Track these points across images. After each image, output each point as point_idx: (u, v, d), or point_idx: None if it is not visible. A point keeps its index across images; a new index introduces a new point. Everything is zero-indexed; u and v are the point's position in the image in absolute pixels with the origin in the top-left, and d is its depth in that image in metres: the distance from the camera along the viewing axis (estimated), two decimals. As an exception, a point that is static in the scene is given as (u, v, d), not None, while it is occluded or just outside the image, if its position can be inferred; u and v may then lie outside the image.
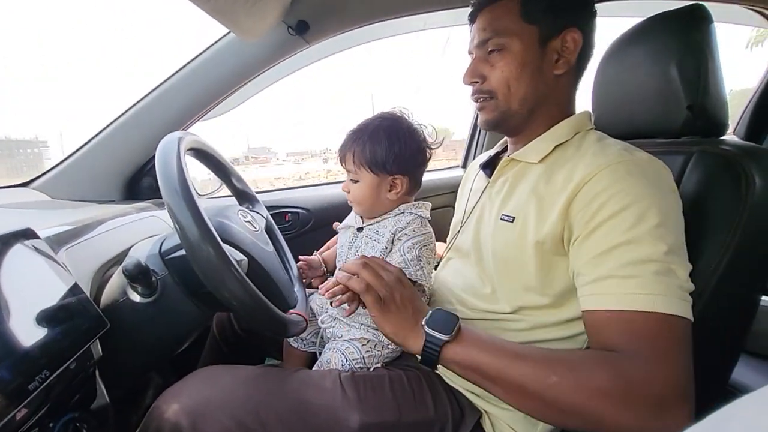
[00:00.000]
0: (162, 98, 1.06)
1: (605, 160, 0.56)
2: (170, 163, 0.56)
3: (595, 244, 0.53)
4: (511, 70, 0.64)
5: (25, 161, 6.02)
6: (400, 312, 0.55)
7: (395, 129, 0.70)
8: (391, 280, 0.56)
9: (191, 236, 0.51)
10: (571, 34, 0.63)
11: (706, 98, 0.68)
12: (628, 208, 0.52)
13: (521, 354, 0.50)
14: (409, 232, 0.69)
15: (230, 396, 0.57)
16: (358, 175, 0.71)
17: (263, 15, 0.82)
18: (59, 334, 0.46)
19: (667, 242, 0.50)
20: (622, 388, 0.45)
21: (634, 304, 0.48)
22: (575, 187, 0.56)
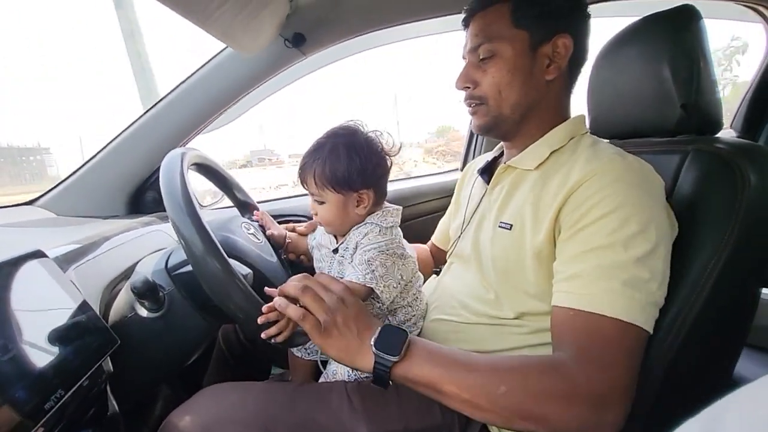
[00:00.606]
0: (163, 114, 1.07)
1: (596, 166, 0.57)
2: (174, 180, 0.57)
3: (576, 245, 0.55)
4: (502, 75, 0.65)
5: (28, 169, 6.04)
6: (343, 335, 0.53)
7: (353, 143, 0.66)
8: (332, 301, 0.53)
9: (196, 251, 0.52)
10: (562, 40, 0.64)
11: (700, 97, 0.69)
12: (612, 213, 0.53)
13: (471, 366, 0.52)
14: (365, 241, 0.67)
15: (240, 413, 0.58)
16: (322, 196, 0.67)
17: (261, 30, 0.84)
18: (72, 353, 0.47)
19: (644, 250, 0.52)
20: (566, 392, 0.48)
21: (596, 307, 0.51)
22: (567, 192, 0.57)
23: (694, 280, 0.58)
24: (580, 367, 0.50)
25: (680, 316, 0.57)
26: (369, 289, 0.63)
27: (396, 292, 0.66)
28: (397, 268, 0.67)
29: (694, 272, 0.58)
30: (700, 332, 0.57)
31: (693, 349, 0.58)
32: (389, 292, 0.64)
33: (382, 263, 0.64)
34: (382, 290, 0.63)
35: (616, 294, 0.51)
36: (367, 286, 0.62)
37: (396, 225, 0.72)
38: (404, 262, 0.69)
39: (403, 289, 0.69)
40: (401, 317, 0.71)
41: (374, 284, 0.62)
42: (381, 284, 0.63)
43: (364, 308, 0.57)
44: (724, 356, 0.65)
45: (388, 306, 0.69)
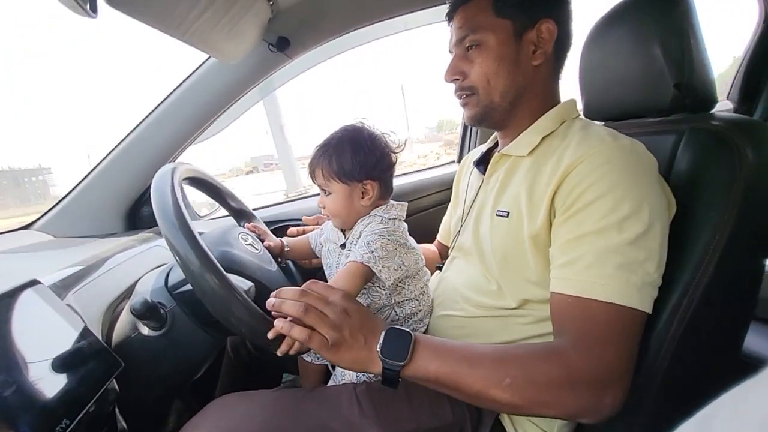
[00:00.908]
0: (153, 127, 1.07)
1: (587, 149, 0.57)
2: (165, 197, 0.57)
3: (569, 230, 0.55)
4: (489, 64, 0.65)
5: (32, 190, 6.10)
6: (352, 347, 0.53)
7: (357, 138, 0.71)
8: (336, 315, 0.53)
9: (193, 269, 0.52)
10: (545, 25, 0.64)
11: (692, 75, 0.68)
12: (603, 197, 0.53)
13: (476, 360, 0.53)
14: (367, 229, 0.71)
15: (249, 424, 0.58)
16: (329, 187, 0.72)
17: (243, 37, 0.82)
18: (75, 381, 0.47)
19: (637, 232, 0.52)
20: (566, 377, 0.50)
21: (591, 292, 0.52)
22: (560, 177, 0.57)
23: (697, 260, 0.57)
24: (578, 352, 0.51)
25: (686, 296, 0.57)
26: (367, 269, 0.63)
27: (396, 275, 0.66)
28: (398, 255, 0.68)
29: (697, 251, 0.58)
30: (707, 310, 0.57)
31: (701, 327, 0.58)
32: (389, 273, 0.65)
33: (383, 246, 0.66)
34: (380, 270, 0.64)
35: (610, 278, 0.51)
36: (365, 264, 0.63)
37: (400, 218, 0.74)
38: (407, 252, 0.71)
39: (405, 276, 0.70)
40: (408, 310, 0.71)
41: (372, 263, 0.63)
42: (380, 264, 0.64)
43: (366, 311, 0.57)
44: (733, 332, 0.65)
45: (392, 293, 0.70)
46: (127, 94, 29.96)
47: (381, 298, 0.70)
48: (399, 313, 0.71)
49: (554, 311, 0.57)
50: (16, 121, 50.31)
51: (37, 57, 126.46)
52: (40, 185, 6.30)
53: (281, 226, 1.30)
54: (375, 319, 0.57)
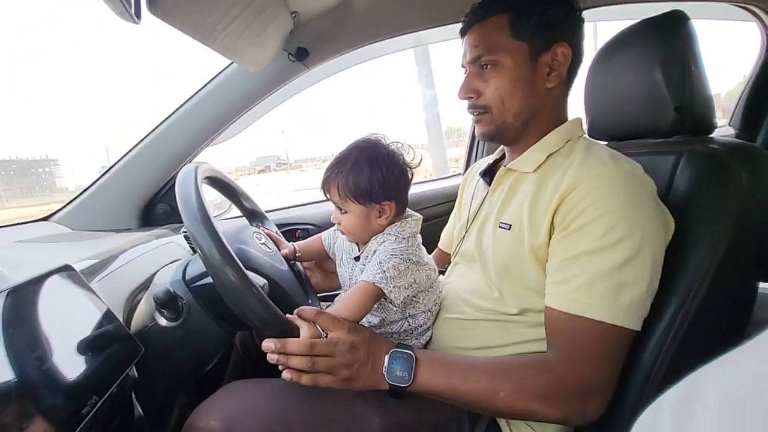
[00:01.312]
0: (171, 129, 1.11)
1: (587, 171, 0.59)
2: (190, 194, 0.60)
3: (565, 248, 0.59)
4: (504, 85, 0.67)
5: (37, 181, 6.14)
6: (361, 377, 0.59)
7: (375, 157, 0.69)
8: (344, 356, 0.57)
9: (215, 262, 0.55)
10: (560, 49, 0.66)
11: (692, 99, 0.70)
12: (599, 219, 0.56)
13: (473, 377, 0.59)
14: (382, 248, 0.70)
15: (259, 407, 0.61)
16: (345, 206, 0.70)
17: (265, 46, 0.87)
18: (101, 362, 0.50)
19: (629, 255, 0.55)
20: (555, 390, 0.56)
21: (582, 311, 0.56)
22: (561, 196, 0.59)
23: (691, 279, 0.59)
24: (566, 366, 0.56)
25: (679, 314, 0.59)
26: (379, 289, 0.65)
27: (406, 293, 0.68)
28: (410, 273, 0.69)
29: (691, 270, 0.60)
30: (699, 329, 0.59)
31: (692, 345, 0.60)
32: (398, 293, 0.66)
33: (395, 266, 0.66)
34: (390, 290, 0.65)
35: (600, 299, 0.55)
36: (377, 285, 0.65)
37: (414, 235, 0.74)
38: (419, 269, 0.71)
39: (417, 292, 0.71)
40: (421, 321, 0.73)
41: (383, 284, 0.65)
42: (390, 285, 0.65)
43: (371, 337, 0.61)
44: (724, 351, 0.66)
45: (405, 307, 0.71)
46: (133, 92, 30.17)
47: (395, 312, 0.72)
48: (412, 324, 0.73)
49: (548, 324, 0.61)
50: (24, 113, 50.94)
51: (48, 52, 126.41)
52: (46, 176, 6.42)
53: (290, 229, 1.33)
54: (379, 342, 0.62)
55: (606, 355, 0.56)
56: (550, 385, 0.56)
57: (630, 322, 0.56)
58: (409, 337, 0.74)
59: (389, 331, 0.73)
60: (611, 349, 0.56)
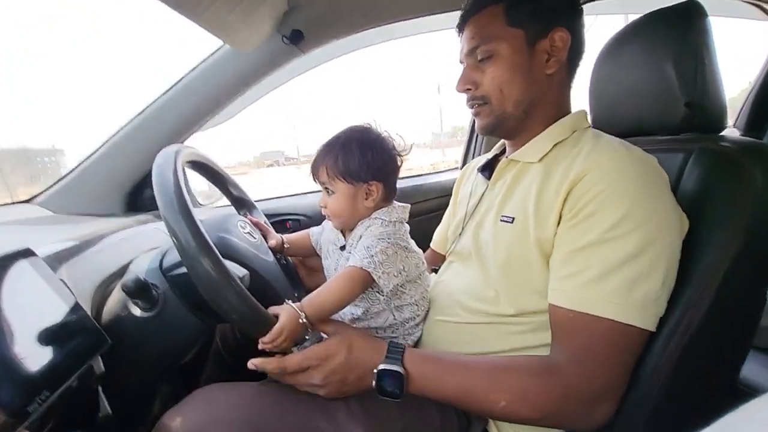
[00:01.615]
0: (160, 111, 1.07)
1: (598, 157, 0.56)
2: (167, 177, 0.56)
3: (573, 239, 0.55)
4: (502, 74, 0.65)
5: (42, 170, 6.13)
6: (348, 382, 0.59)
7: (365, 138, 0.70)
8: (318, 380, 0.58)
9: (189, 251, 0.51)
10: (558, 34, 0.64)
11: (704, 95, 0.68)
12: (611, 207, 0.53)
13: (470, 387, 0.56)
14: (368, 233, 0.69)
15: (232, 415, 0.57)
16: (333, 186, 0.70)
17: (258, 26, 0.83)
18: (59, 354, 0.46)
19: (642, 247, 0.51)
20: (562, 394, 0.52)
21: (592, 308, 0.52)
22: (569, 185, 0.56)
23: (700, 280, 0.56)
24: (575, 368, 0.53)
25: (686, 316, 0.56)
26: (367, 274, 0.62)
27: (396, 281, 0.65)
28: (399, 259, 0.67)
29: (701, 272, 0.57)
30: (707, 332, 0.56)
31: (699, 349, 0.57)
32: (388, 279, 0.64)
33: (383, 251, 0.65)
34: (380, 276, 0.63)
35: (612, 294, 0.51)
36: (365, 269, 0.62)
37: (402, 221, 0.73)
38: (407, 255, 0.69)
39: (405, 281, 0.69)
40: (407, 314, 0.70)
41: (372, 269, 0.62)
42: (380, 270, 0.63)
43: (346, 363, 0.58)
44: (731, 357, 0.64)
45: (391, 298, 0.68)
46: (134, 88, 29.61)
47: (379, 302, 0.69)
48: (397, 318, 0.70)
49: (554, 324, 0.57)
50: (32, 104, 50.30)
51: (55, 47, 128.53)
52: (51, 166, 6.41)
53: (280, 219, 1.30)
54: (360, 366, 0.59)
55: (619, 356, 0.52)
56: (556, 391, 0.52)
57: (644, 321, 0.52)
58: (396, 335, 0.70)
59: (373, 325, 0.70)
60: (624, 350, 0.53)
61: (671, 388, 0.57)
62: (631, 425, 0.57)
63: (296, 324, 0.56)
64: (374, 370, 0.57)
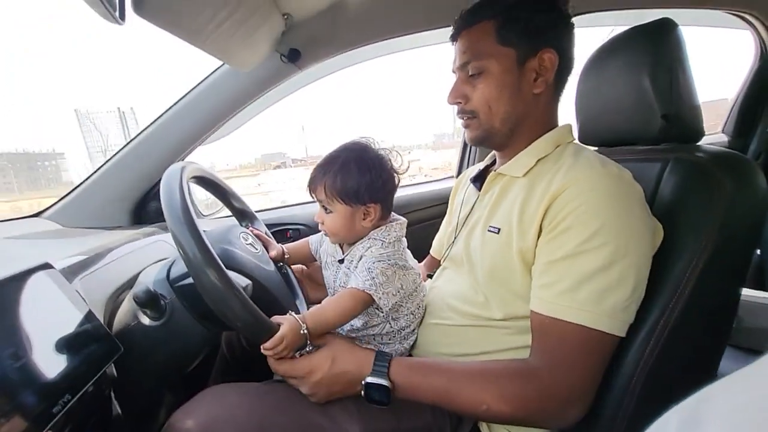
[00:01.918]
0: (163, 128, 1.11)
1: (575, 175, 0.59)
2: (174, 194, 0.60)
3: (550, 251, 0.59)
4: (491, 91, 0.67)
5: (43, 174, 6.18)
6: (334, 391, 0.63)
7: (364, 159, 0.70)
8: (307, 388, 0.63)
9: (196, 263, 0.55)
10: (547, 54, 0.66)
11: (680, 107, 0.71)
12: (584, 223, 0.56)
13: (456, 391, 0.59)
14: (368, 254, 0.71)
15: (237, 412, 0.61)
16: (331, 206, 0.71)
17: (257, 47, 0.87)
18: (78, 360, 0.50)
19: (612, 260, 0.55)
20: (537, 395, 0.57)
21: (565, 315, 0.56)
22: (549, 199, 0.60)
23: (674, 285, 0.60)
24: (549, 370, 0.57)
25: (662, 319, 0.59)
26: (368, 296, 0.66)
27: (395, 300, 0.68)
28: (397, 278, 0.69)
29: (674, 277, 0.60)
30: (682, 335, 0.60)
31: (675, 351, 0.60)
32: (388, 299, 0.67)
33: (383, 272, 0.67)
34: (380, 297, 0.66)
35: (583, 303, 0.55)
36: (367, 292, 0.65)
37: (399, 239, 0.75)
38: (405, 273, 0.71)
39: (403, 297, 0.71)
40: (403, 323, 0.73)
41: (373, 291, 0.65)
42: (380, 291, 0.66)
43: (333, 376, 0.63)
44: (707, 357, 0.67)
45: (389, 313, 0.71)
46: (136, 91, 30.26)
47: (378, 317, 0.72)
48: (394, 326, 0.73)
49: (533, 328, 0.61)
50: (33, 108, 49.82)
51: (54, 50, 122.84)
52: (53, 170, 6.46)
53: (281, 229, 1.33)
54: (345, 377, 0.63)
55: (589, 360, 0.57)
56: (533, 393, 0.57)
57: (613, 327, 0.56)
58: (392, 341, 0.73)
59: (371, 333, 0.73)
60: (594, 354, 0.57)
61: (651, 388, 0.60)
62: (613, 423, 0.60)
63: (297, 334, 0.60)
64: (362, 382, 0.61)
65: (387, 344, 0.73)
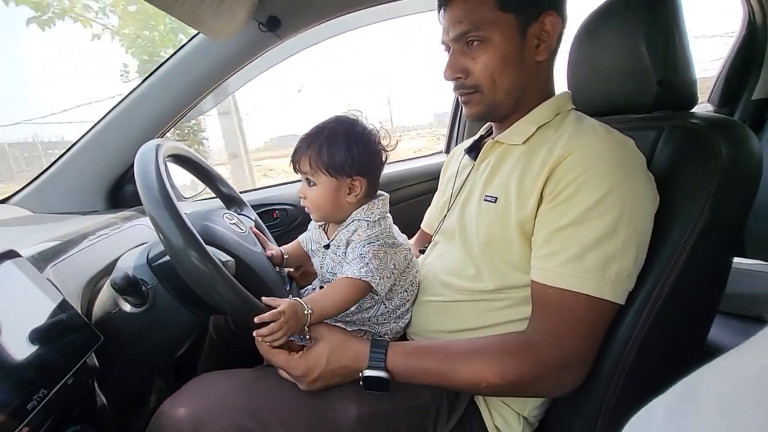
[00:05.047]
0: (138, 104, 1.04)
1: (579, 141, 0.58)
2: (149, 172, 0.56)
3: (553, 219, 0.57)
4: (495, 63, 0.63)
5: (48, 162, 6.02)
6: (332, 383, 0.62)
7: (352, 132, 0.68)
8: (308, 380, 0.61)
9: (176, 245, 0.52)
10: (549, 18, 0.63)
11: (675, 73, 0.69)
12: (589, 189, 0.55)
13: (454, 374, 0.59)
14: (356, 237, 0.69)
15: (230, 400, 0.59)
16: (315, 178, 0.68)
17: (232, 14, 0.81)
18: (53, 352, 0.46)
19: (617, 228, 0.54)
20: (537, 366, 0.56)
21: (569, 284, 0.55)
22: (551, 167, 0.58)
23: (669, 253, 0.59)
24: (548, 339, 0.57)
25: (656, 287, 0.59)
26: (366, 284, 0.64)
27: (390, 282, 0.67)
28: (389, 258, 0.68)
29: (669, 245, 0.60)
30: (675, 302, 0.60)
31: (668, 318, 0.60)
32: (384, 284, 0.66)
33: (375, 255, 0.66)
34: (377, 283, 0.65)
35: (587, 272, 0.54)
36: (364, 280, 0.64)
37: (384, 216, 0.72)
38: (396, 251, 0.70)
39: (398, 277, 0.70)
40: (397, 302, 0.72)
41: (370, 277, 0.64)
42: (377, 276, 0.64)
43: (326, 366, 0.61)
44: (698, 324, 0.68)
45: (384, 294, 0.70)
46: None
47: (372, 299, 0.71)
48: (388, 306, 0.72)
49: (534, 299, 0.60)
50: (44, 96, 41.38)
51: None
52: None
53: (267, 210, 1.29)
54: (342, 370, 0.61)
55: (590, 328, 0.56)
56: (533, 365, 0.56)
57: (615, 295, 0.55)
58: (387, 321, 0.72)
59: (365, 316, 0.71)
60: (596, 322, 0.56)
61: (644, 354, 0.60)
62: (607, 388, 0.61)
63: (298, 315, 0.58)
64: (359, 374, 0.60)
65: (382, 324, 0.72)
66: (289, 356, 0.61)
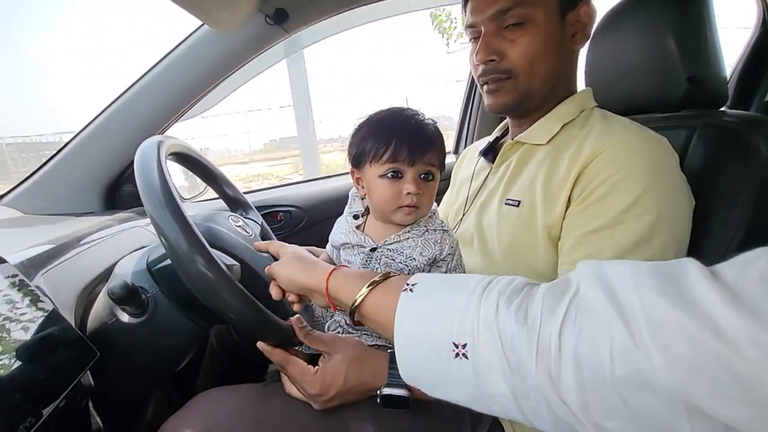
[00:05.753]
0: (137, 99, 0.99)
1: (610, 138, 0.54)
2: (151, 171, 0.51)
3: (585, 221, 0.53)
4: (536, 45, 0.59)
5: None
6: (348, 401, 0.55)
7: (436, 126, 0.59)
8: (323, 400, 0.55)
9: (179, 249, 0.47)
10: (585, 8, 0.60)
11: (707, 69, 0.67)
12: (623, 190, 0.51)
13: None
14: (447, 250, 0.59)
15: (237, 420, 0.54)
16: (435, 172, 0.57)
17: (238, 4, 0.77)
18: (42, 372, 0.42)
19: (653, 231, 0.50)
20: None
21: None
22: (580, 167, 0.54)
23: (710, 258, 0.56)
24: None
25: None
26: None
27: None
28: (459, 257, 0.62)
29: (706, 251, 0.56)
30: None
31: None
32: None
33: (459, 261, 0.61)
34: None
35: None
36: None
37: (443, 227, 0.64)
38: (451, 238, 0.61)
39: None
40: None
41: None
42: None
43: (350, 385, 0.55)
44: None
45: None
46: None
47: None
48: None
49: None
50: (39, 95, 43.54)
51: None
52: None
53: (271, 211, 1.25)
54: (359, 388, 0.55)
55: None
56: None
57: None
58: None
59: None
60: None
61: None
62: None
63: None
64: (377, 392, 0.54)
65: None
66: (305, 369, 0.55)
